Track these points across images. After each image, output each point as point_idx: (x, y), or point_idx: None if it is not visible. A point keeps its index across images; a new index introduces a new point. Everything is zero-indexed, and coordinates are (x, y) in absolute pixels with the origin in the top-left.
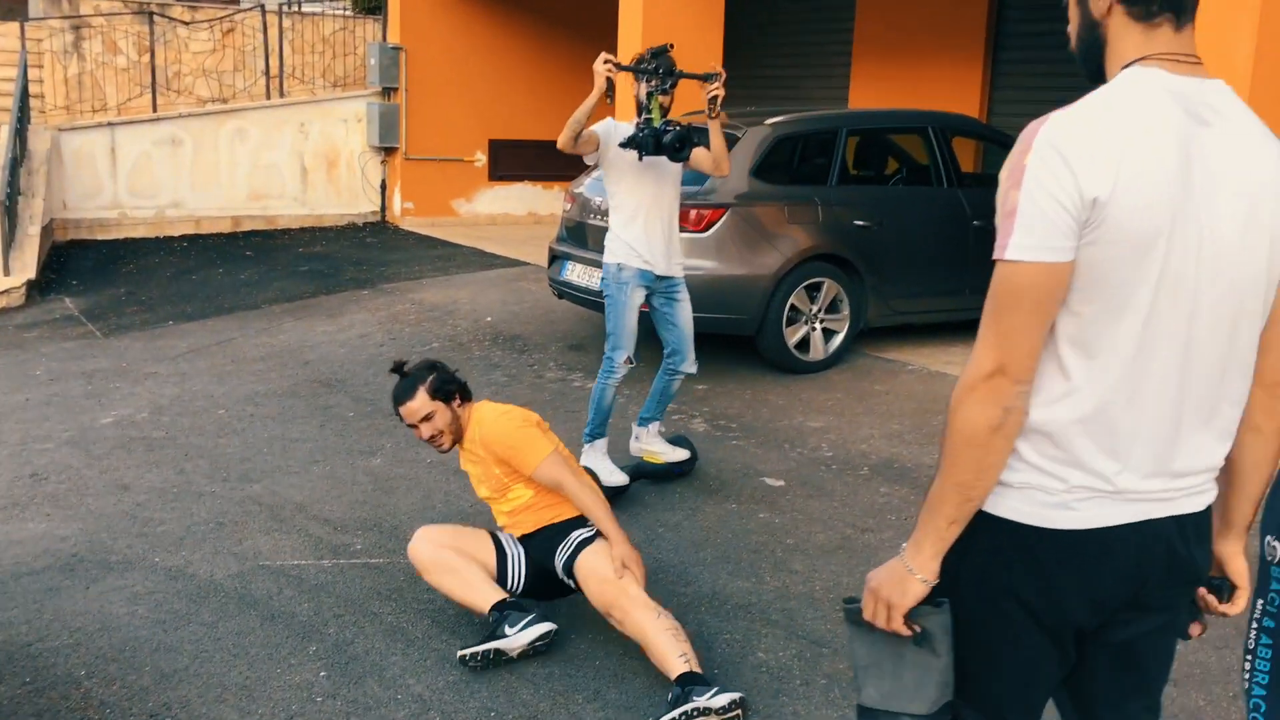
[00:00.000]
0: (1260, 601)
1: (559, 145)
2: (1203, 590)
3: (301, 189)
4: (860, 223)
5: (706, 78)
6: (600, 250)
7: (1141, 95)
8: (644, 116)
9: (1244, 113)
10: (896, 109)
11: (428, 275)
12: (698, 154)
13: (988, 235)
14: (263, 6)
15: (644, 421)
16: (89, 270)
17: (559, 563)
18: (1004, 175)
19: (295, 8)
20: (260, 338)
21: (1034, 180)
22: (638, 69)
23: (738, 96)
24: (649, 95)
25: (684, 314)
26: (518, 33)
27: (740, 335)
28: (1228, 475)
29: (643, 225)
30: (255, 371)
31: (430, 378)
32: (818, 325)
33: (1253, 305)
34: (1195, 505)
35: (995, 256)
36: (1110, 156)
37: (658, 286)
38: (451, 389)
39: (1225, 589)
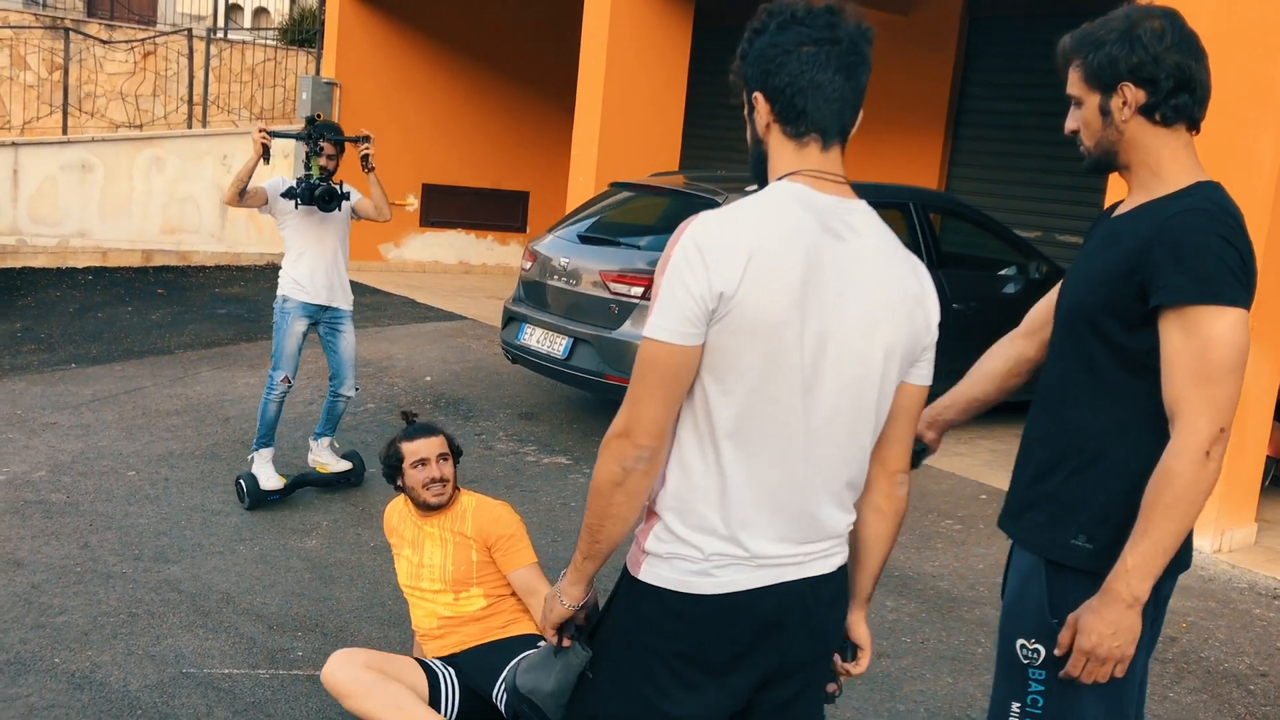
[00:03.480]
0: (1016, 705)
1: (225, 201)
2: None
3: (220, 225)
4: None
5: (356, 140)
6: (565, 314)
7: (778, 205)
8: (306, 172)
9: (880, 232)
10: (878, 183)
11: (358, 326)
12: (362, 203)
13: (969, 318)
14: (189, 30)
15: (317, 436)
16: None
17: (499, 694)
18: (659, 264)
19: (222, 34)
20: (174, 388)
21: (674, 272)
22: (286, 134)
23: (694, 158)
24: (307, 156)
25: (344, 342)
26: (459, 76)
27: None
28: (851, 551)
29: (307, 264)
30: (170, 427)
31: (446, 433)
32: None
33: (867, 401)
34: (825, 567)
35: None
36: (739, 257)
37: (322, 317)
38: (459, 452)
39: (849, 650)
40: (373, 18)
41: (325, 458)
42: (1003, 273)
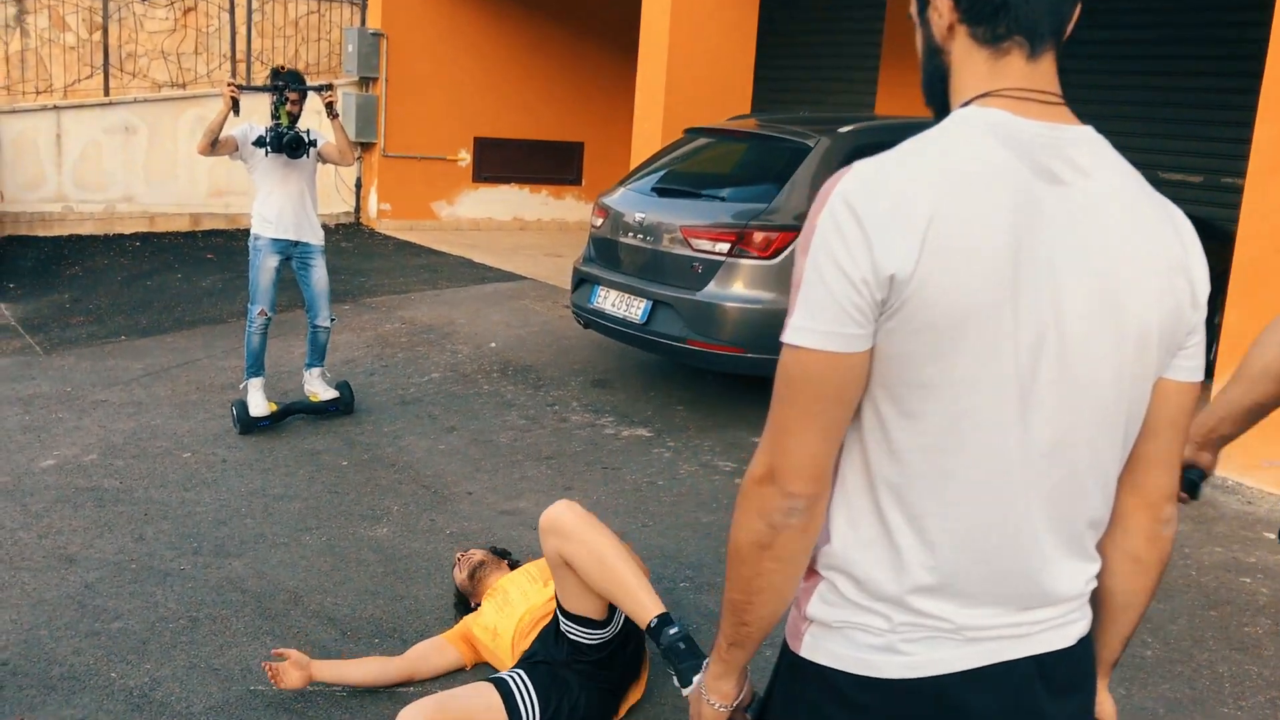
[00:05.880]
0: None
1: (198, 150)
2: None
3: None
4: None
5: (319, 89)
6: (642, 275)
7: (969, 143)
8: (274, 121)
9: (1118, 169)
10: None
11: (415, 289)
12: (327, 148)
13: None
14: None
15: (309, 366)
16: (28, 271)
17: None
18: (800, 237)
19: None
20: (228, 359)
21: (822, 247)
22: (255, 88)
23: (765, 102)
24: (275, 105)
25: (316, 276)
26: (509, 25)
27: None
28: (1098, 608)
29: (276, 203)
30: (225, 403)
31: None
32: None
33: (1113, 412)
34: (1061, 640)
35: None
36: (915, 221)
37: (293, 252)
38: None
39: None
40: None
41: (316, 387)
42: None
